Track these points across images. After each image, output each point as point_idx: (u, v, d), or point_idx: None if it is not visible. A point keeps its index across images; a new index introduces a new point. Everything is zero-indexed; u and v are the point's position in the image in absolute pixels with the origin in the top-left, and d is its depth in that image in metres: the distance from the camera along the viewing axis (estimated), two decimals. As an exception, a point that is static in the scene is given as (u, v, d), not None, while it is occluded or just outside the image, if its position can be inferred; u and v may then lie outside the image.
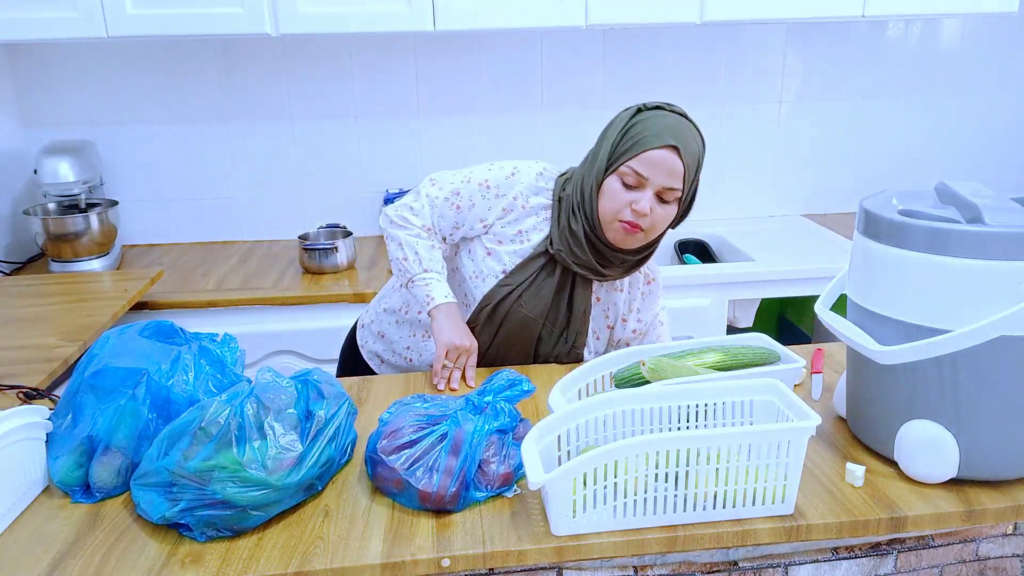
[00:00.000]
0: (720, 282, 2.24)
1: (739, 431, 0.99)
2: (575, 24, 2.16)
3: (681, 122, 1.34)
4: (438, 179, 1.47)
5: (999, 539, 1.15)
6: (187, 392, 1.11)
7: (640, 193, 1.33)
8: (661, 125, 1.32)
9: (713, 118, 2.66)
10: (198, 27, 2.07)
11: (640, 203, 1.32)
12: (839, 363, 1.45)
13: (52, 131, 2.42)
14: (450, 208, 1.44)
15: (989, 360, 0.99)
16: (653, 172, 1.31)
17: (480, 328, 1.46)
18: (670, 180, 1.32)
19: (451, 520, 1.02)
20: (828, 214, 2.80)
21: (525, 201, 1.43)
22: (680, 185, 1.33)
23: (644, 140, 1.31)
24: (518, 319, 1.44)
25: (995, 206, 1.01)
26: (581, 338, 1.48)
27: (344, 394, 1.14)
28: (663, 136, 1.30)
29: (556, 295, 1.44)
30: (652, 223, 1.35)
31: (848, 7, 2.23)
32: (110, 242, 2.34)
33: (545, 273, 1.43)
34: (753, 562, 1.08)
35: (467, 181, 1.45)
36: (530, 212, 1.44)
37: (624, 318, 1.51)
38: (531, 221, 1.44)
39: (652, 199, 1.33)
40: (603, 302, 1.50)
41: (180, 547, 0.98)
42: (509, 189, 1.43)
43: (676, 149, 1.30)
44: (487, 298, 1.44)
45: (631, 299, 1.51)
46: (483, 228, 1.45)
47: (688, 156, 1.32)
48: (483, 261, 1.45)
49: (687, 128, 1.34)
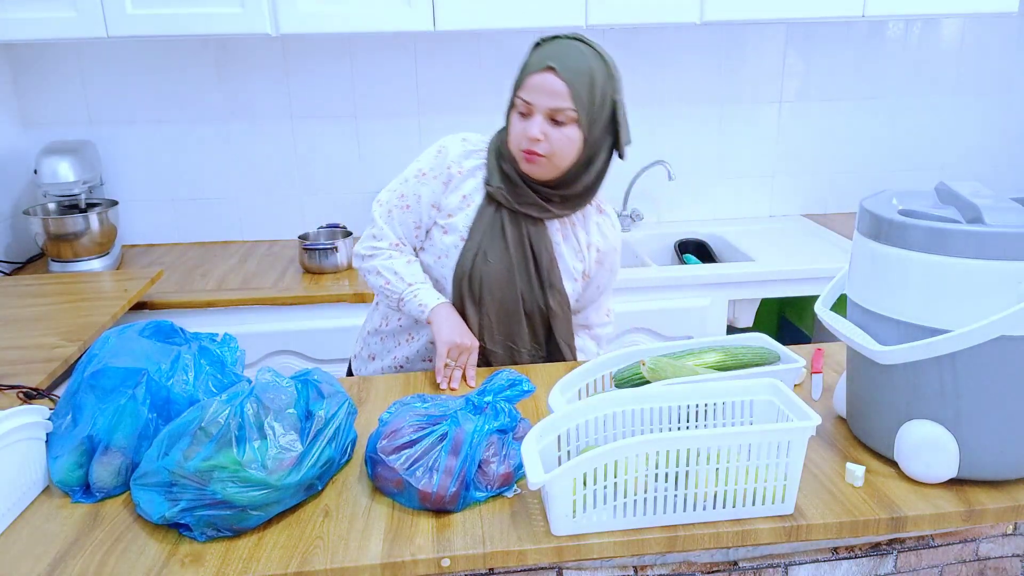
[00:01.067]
0: (720, 282, 2.25)
1: (739, 431, 0.99)
2: (575, 24, 2.16)
3: (570, 45, 1.36)
4: (381, 198, 1.51)
5: (999, 539, 1.15)
6: (187, 392, 1.11)
7: (531, 120, 1.37)
8: (545, 52, 1.36)
9: (713, 118, 2.66)
10: (198, 27, 2.07)
11: (530, 128, 1.36)
12: (839, 363, 1.45)
13: (52, 131, 2.42)
14: (403, 212, 1.48)
15: (989, 360, 0.99)
16: (535, 96, 1.35)
17: (466, 308, 1.47)
18: (553, 100, 1.34)
19: (451, 520, 1.02)
20: (828, 214, 2.80)
21: (459, 167, 1.47)
22: (568, 104, 1.34)
23: (527, 68, 1.38)
24: (492, 278, 1.45)
25: (995, 206, 1.01)
26: (556, 277, 1.48)
27: (344, 394, 1.13)
28: (543, 60, 1.35)
29: (517, 243, 1.45)
30: (552, 148, 1.37)
31: (848, 7, 2.23)
32: (110, 242, 2.34)
33: (498, 221, 1.45)
34: (753, 562, 1.08)
35: (404, 181, 1.49)
36: (467, 175, 1.47)
37: (589, 246, 1.52)
38: (471, 184, 1.47)
39: (543, 123, 1.36)
40: (567, 240, 1.50)
41: (180, 547, 0.98)
42: (441, 163, 1.47)
43: (553, 69, 1.33)
44: (458, 271, 1.46)
45: (587, 229, 1.53)
46: (436, 211, 1.48)
47: (569, 73, 1.33)
48: (441, 241, 1.47)
49: (574, 49, 1.36)
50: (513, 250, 1.45)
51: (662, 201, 2.72)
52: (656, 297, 2.22)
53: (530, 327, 1.51)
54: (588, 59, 1.36)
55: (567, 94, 1.34)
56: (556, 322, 1.51)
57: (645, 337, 2.24)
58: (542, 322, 1.51)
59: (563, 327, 1.52)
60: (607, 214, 1.56)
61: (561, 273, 1.49)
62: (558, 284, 1.48)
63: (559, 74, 1.33)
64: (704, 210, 2.76)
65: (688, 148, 2.67)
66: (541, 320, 1.51)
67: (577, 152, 1.39)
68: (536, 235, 1.46)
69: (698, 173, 2.70)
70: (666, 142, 2.65)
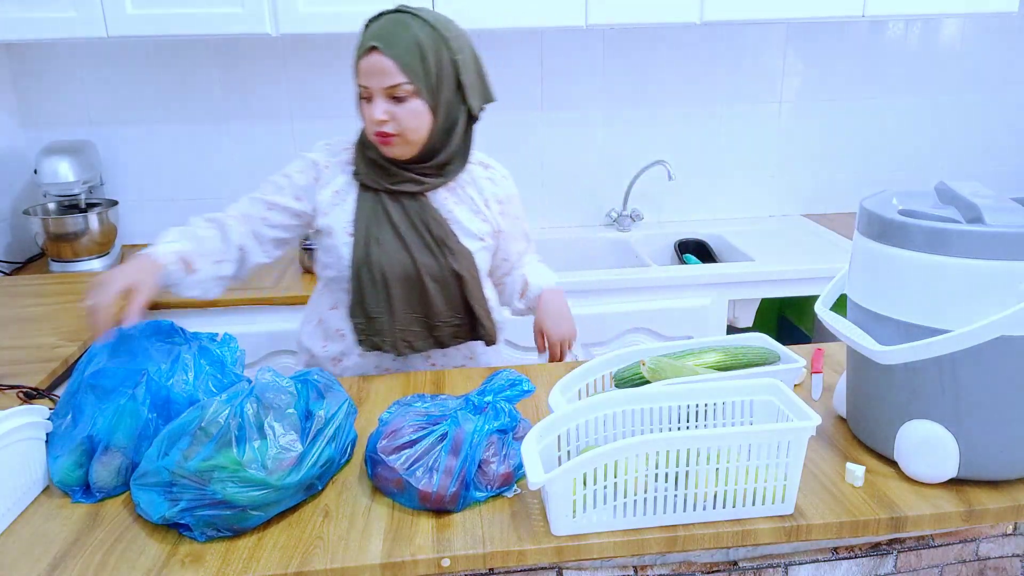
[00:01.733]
0: (720, 282, 2.24)
1: (739, 431, 0.99)
2: (575, 24, 2.16)
3: (392, 20, 1.35)
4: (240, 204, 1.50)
5: (999, 539, 1.15)
6: (187, 392, 1.11)
7: (373, 104, 1.37)
8: (368, 33, 1.36)
9: (713, 118, 2.66)
10: (198, 27, 2.07)
11: (373, 112, 1.36)
12: (839, 363, 1.45)
13: (52, 131, 2.42)
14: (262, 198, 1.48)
15: (989, 360, 0.99)
16: (368, 79, 1.36)
17: (372, 297, 1.45)
18: (385, 79, 1.34)
19: (451, 520, 1.02)
20: (828, 214, 2.80)
21: (326, 162, 1.49)
22: (401, 79, 1.34)
23: (357, 54, 1.37)
24: (389, 261, 1.44)
25: (995, 206, 1.01)
26: (454, 241, 1.47)
27: (344, 394, 1.14)
28: (366, 42, 1.35)
29: (405, 221, 1.45)
30: (400, 126, 1.37)
31: (848, 7, 2.23)
32: (110, 242, 2.34)
33: (379, 206, 1.45)
34: (753, 562, 1.08)
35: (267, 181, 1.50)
36: (335, 171, 1.48)
37: (487, 202, 1.52)
38: (341, 179, 1.48)
39: (385, 103, 1.36)
40: (461, 203, 1.50)
41: (180, 547, 0.98)
42: (306, 164, 1.49)
43: (376, 49, 1.33)
44: (354, 264, 1.44)
45: (479, 187, 1.52)
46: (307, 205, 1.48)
47: (393, 49, 1.33)
48: (330, 246, 1.47)
49: (396, 23, 1.35)
50: (403, 229, 1.45)
51: (662, 201, 2.72)
52: (656, 297, 2.22)
53: (444, 298, 1.48)
54: (412, 29, 1.34)
55: (396, 69, 1.33)
56: (467, 287, 1.49)
57: (645, 337, 2.24)
58: (457, 291, 1.49)
59: (475, 291, 1.50)
60: (492, 166, 1.56)
61: (460, 237, 1.48)
62: (457, 248, 1.47)
63: (383, 52, 1.32)
64: (704, 210, 2.76)
65: (688, 148, 2.67)
66: (456, 289, 1.49)
67: (429, 123, 1.39)
68: (420, 209, 1.45)
69: (698, 173, 2.70)
70: (666, 142, 2.65)
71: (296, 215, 1.49)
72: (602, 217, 2.72)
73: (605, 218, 2.71)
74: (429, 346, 1.51)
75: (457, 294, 1.49)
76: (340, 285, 1.50)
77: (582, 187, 2.68)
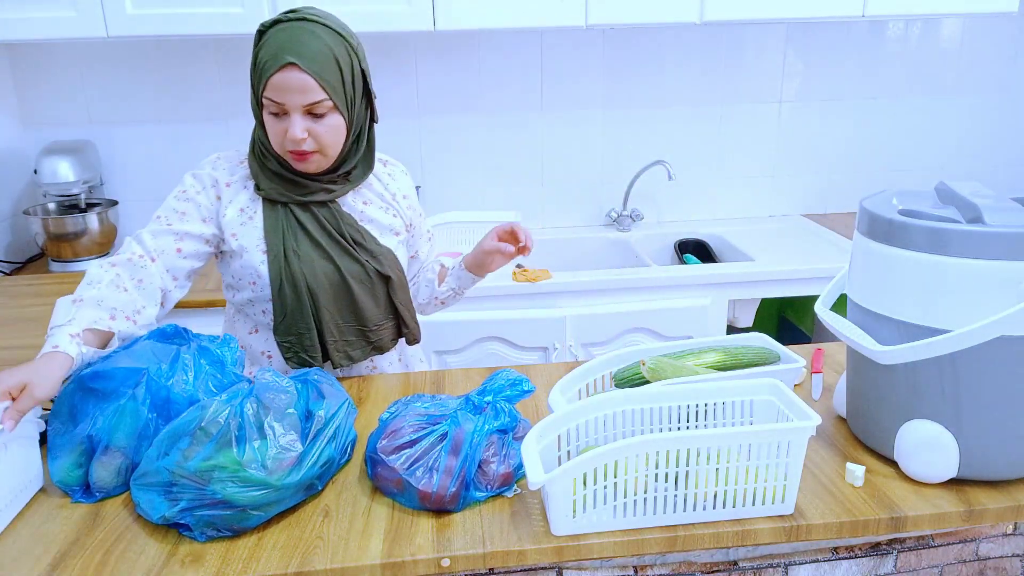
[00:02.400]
0: (720, 282, 2.25)
1: (739, 431, 0.99)
2: (575, 24, 2.16)
3: (300, 29, 1.26)
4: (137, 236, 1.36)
5: (999, 539, 1.15)
6: (187, 392, 1.11)
7: (287, 120, 1.28)
8: (276, 44, 1.25)
9: (713, 118, 2.66)
10: (198, 27, 2.07)
11: (291, 130, 1.27)
12: (839, 363, 1.45)
13: (52, 131, 2.42)
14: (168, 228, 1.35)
15: (989, 360, 0.99)
16: (285, 96, 1.26)
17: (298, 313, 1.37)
18: (305, 97, 1.25)
19: (451, 520, 1.02)
20: (828, 214, 2.80)
21: (227, 179, 1.39)
22: (322, 95, 1.26)
23: (265, 67, 1.26)
24: (312, 272, 1.37)
25: (995, 206, 1.01)
26: (373, 243, 1.42)
27: (344, 394, 1.14)
28: (279, 56, 1.24)
29: (320, 230, 1.39)
30: (320, 142, 1.30)
31: (848, 7, 2.23)
32: (110, 242, 2.34)
33: (291, 218, 1.38)
34: (753, 562, 1.08)
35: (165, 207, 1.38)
36: (237, 188, 1.39)
37: (394, 198, 1.49)
38: (244, 196, 1.39)
39: (303, 120, 1.27)
40: (371, 203, 1.46)
41: (180, 547, 0.98)
42: (204, 182, 1.38)
43: (295, 65, 1.23)
44: (274, 282, 1.36)
45: (385, 184, 1.48)
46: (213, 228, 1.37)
47: (312, 64, 1.24)
48: (245, 266, 1.38)
49: (307, 33, 1.25)
50: (320, 238, 1.38)
51: (662, 201, 2.72)
52: (656, 297, 2.22)
53: (374, 301, 1.43)
54: (324, 39, 1.26)
55: (316, 86, 1.25)
56: (393, 287, 1.45)
57: (645, 337, 2.24)
58: (384, 293, 1.45)
59: (400, 291, 1.47)
60: (390, 162, 1.53)
61: (378, 236, 1.44)
62: (377, 248, 1.43)
63: (302, 68, 1.24)
64: (704, 210, 2.76)
65: (688, 148, 2.67)
66: (383, 290, 1.44)
67: (344, 136, 1.34)
68: (333, 216, 1.40)
69: (698, 173, 2.70)
70: (666, 142, 2.65)
71: (206, 240, 1.37)
72: (602, 217, 2.72)
73: (605, 218, 2.71)
74: (368, 353, 1.46)
75: (384, 296, 1.45)
76: (258, 307, 1.42)
77: (582, 187, 2.68)
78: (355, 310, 1.42)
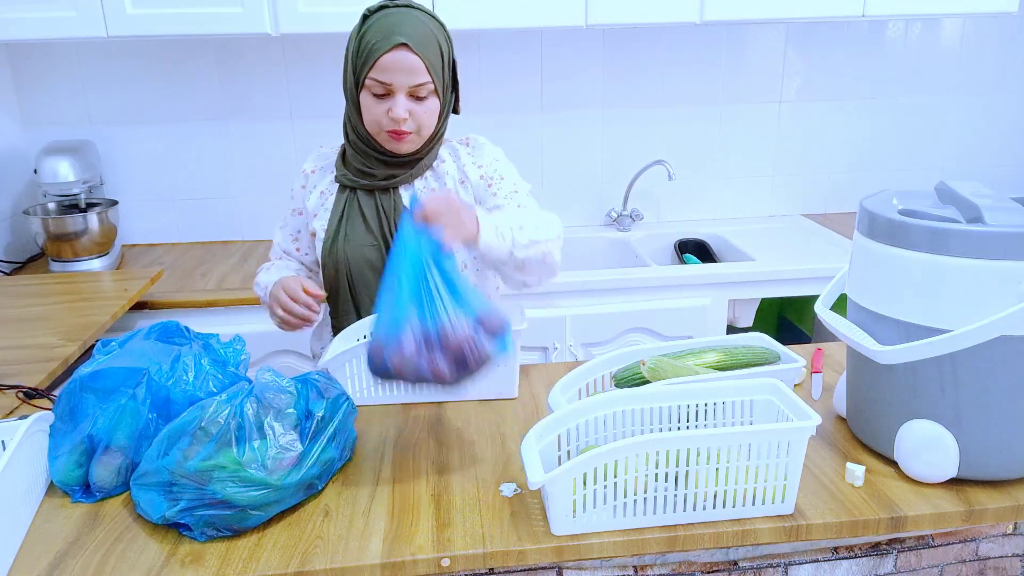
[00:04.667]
0: (720, 282, 2.24)
1: (739, 431, 0.99)
2: (575, 24, 2.16)
3: (407, 14, 1.33)
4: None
5: (999, 539, 1.15)
6: (187, 392, 1.11)
7: (391, 100, 1.34)
8: (386, 26, 1.31)
9: (713, 118, 2.66)
10: (198, 27, 2.07)
11: (395, 110, 1.33)
12: (839, 363, 1.45)
13: (52, 131, 2.42)
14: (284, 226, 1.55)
15: (989, 360, 0.99)
16: (393, 76, 1.31)
17: (340, 291, 1.46)
18: (412, 78, 1.32)
19: (451, 520, 1.02)
20: (828, 214, 2.80)
21: (311, 168, 1.52)
22: (428, 78, 1.33)
23: (375, 48, 1.31)
24: (356, 256, 1.43)
25: (995, 206, 1.01)
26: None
27: (344, 394, 1.14)
28: (390, 37, 1.30)
29: (375, 217, 1.43)
30: (419, 123, 1.36)
31: (848, 7, 2.23)
32: (110, 242, 2.34)
33: (354, 202, 1.45)
34: (753, 562, 1.08)
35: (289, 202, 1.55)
36: (320, 174, 1.51)
37: (463, 182, 1.48)
38: (326, 180, 1.50)
39: (406, 101, 1.34)
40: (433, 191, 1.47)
41: (180, 547, 0.98)
42: (301, 174, 1.53)
43: (406, 46, 1.29)
44: (323, 258, 1.46)
45: (457, 163, 1.49)
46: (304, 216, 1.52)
47: (421, 47, 1.31)
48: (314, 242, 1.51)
49: (414, 19, 1.32)
50: (374, 224, 1.44)
51: (662, 201, 2.72)
52: (656, 297, 2.22)
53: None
54: (429, 26, 1.33)
55: (423, 68, 1.32)
56: None
57: (645, 337, 2.24)
58: None
59: None
60: (476, 143, 1.53)
61: None
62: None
63: (413, 49, 1.30)
64: (704, 210, 2.76)
65: (688, 148, 2.67)
66: None
67: (438, 119, 1.40)
68: (389, 202, 1.44)
69: (698, 173, 2.70)
70: (666, 142, 2.65)
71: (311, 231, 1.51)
72: (602, 217, 2.72)
73: (605, 218, 2.71)
74: None
75: None
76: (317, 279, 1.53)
77: (582, 187, 2.68)
78: None
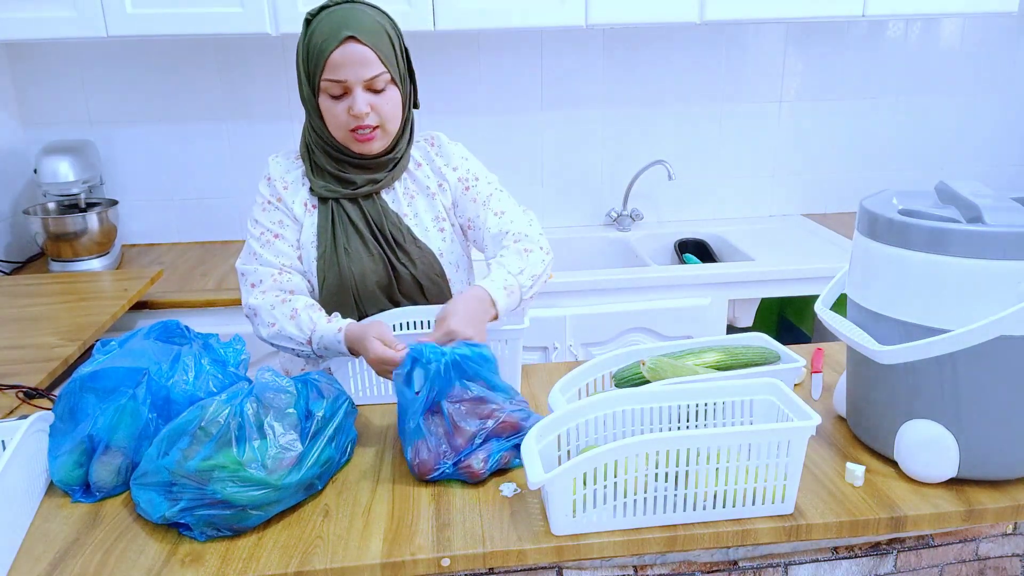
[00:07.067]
0: (720, 282, 2.24)
1: (739, 431, 0.99)
2: (575, 24, 2.16)
3: (351, 9, 1.31)
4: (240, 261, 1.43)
5: (999, 539, 1.15)
6: (187, 392, 1.11)
7: (350, 98, 1.31)
8: (331, 23, 1.29)
9: (713, 118, 2.66)
10: (198, 26, 2.07)
11: (355, 106, 1.30)
12: (839, 363, 1.45)
13: (52, 131, 2.42)
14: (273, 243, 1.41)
15: (989, 360, 0.99)
16: (347, 72, 1.29)
17: (348, 305, 1.40)
18: (367, 70, 1.29)
19: (451, 520, 1.02)
20: (828, 214, 2.80)
21: (284, 182, 1.42)
22: (382, 68, 1.30)
23: (323, 47, 1.29)
24: (359, 267, 1.39)
25: (995, 206, 1.01)
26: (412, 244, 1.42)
27: (344, 394, 1.14)
28: (337, 33, 1.28)
29: (364, 224, 1.40)
30: (382, 116, 1.33)
31: (848, 7, 2.23)
32: (110, 242, 2.34)
33: (341, 213, 1.40)
34: (753, 562, 1.08)
35: (255, 223, 1.43)
36: (296, 186, 1.42)
37: (442, 184, 1.47)
38: (303, 192, 1.42)
39: (365, 95, 1.31)
40: (416, 197, 1.45)
41: (180, 547, 0.98)
42: (273, 188, 1.43)
43: (354, 39, 1.28)
44: (326, 276, 1.38)
45: (434, 168, 1.47)
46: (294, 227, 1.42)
47: (370, 37, 1.29)
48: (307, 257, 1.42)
49: (359, 12, 1.31)
50: (368, 235, 1.41)
51: (662, 201, 2.72)
52: (656, 297, 2.22)
53: (422, 296, 1.44)
54: (375, 17, 1.32)
55: (376, 59, 1.29)
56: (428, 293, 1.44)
57: (645, 337, 2.24)
58: (432, 286, 1.45)
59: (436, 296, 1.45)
60: (438, 140, 1.49)
61: (422, 235, 1.43)
62: (416, 251, 1.42)
63: (362, 41, 1.28)
64: (704, 210, 2.76)
65: (688, 148, 2.67)
66: (431, 284, 1.44)
67: (401, 110, 1.37)
68: (378, 212, 1.41)
69: (698, 173, 2.70)
70: (666, 142, 2.65)
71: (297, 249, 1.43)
72: (602, 217, 2.72)
73: (605, 218, 2.71)
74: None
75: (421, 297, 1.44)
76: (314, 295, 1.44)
77: (582, 187, 2.68)
78: (396, 305, 1.43)
